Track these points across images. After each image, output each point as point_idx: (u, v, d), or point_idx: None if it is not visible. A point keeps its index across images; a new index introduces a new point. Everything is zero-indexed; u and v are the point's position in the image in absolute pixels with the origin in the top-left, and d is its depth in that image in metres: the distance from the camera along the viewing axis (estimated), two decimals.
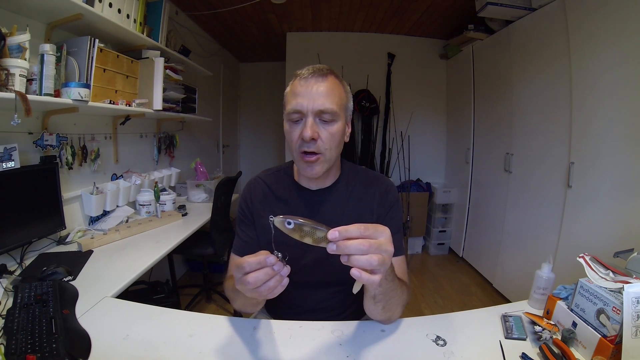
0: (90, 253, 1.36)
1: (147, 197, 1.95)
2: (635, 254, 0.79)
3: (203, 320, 0.85)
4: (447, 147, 3.67)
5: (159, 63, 1.88)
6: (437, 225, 3.42)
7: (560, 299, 0.81)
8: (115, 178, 1.97)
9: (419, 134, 3.63)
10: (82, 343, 0.74)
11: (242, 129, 5.01)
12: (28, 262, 1.28)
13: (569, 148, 1.80)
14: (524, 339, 0.76)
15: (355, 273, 0.51)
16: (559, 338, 0.73)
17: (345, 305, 0.93)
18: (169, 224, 1.86)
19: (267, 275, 0.53)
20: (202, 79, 3.05)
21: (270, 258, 0.53)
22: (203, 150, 3.46)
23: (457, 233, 3.33)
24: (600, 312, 0.69)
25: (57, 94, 1.32)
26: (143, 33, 1.84)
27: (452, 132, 3.56)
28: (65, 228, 1.46)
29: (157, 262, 1.35)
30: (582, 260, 0.79)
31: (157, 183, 1.98)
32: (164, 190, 2.14)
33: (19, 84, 1.12)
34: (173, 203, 2.12)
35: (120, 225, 1.70)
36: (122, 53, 1.71)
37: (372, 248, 0.50)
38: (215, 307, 2.38)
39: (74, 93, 1.31)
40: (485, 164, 2.80)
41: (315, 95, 0.75)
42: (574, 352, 0.71)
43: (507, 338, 0.77)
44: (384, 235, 0.53)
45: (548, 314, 0.83)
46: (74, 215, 1.65)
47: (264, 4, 2.74)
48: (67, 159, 1.55)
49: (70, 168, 1.58)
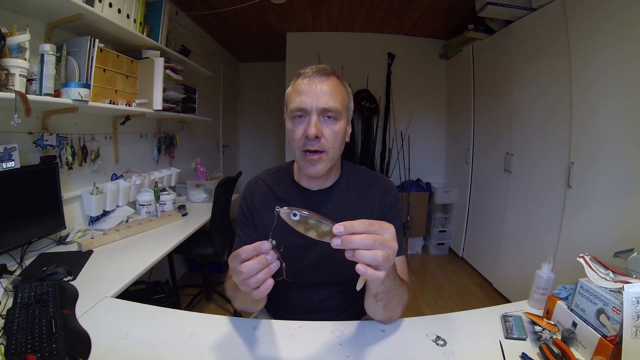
0: (90, 253, 1.36)
1: (147, 197, 1.95)
2: (635, 254, 0.79)
3: (203, 320, 0.85)
4: (447, 147, 3.67)
5: (159, 63, 1.88)
6: (437, 225, 3.42)
7: (560, 299, 0.81)
8: (115, 178, 1.97)
9: (419, 134, 3.62)
10: (82, 343, 0.74)
11: (242, 129, 5.01)
12: (28, 262, 1.28)
13: (569, 148, 1.80)
14: (524, 339, 0.76)
15: (361, 269, 0.51)
16: (559, 338, 0.73)
17: (345, 305, 0.93)
18: (169, 224, 1.86)
19: (259, 264, 0.54)
20: (202, 79, 3.05)
21: (265, 244, 0.53)
22: (203, 150, 3.46)
23: (457, 233, 3.33)
24: (600, 312, 0.69)
25: (57, 94, 1.32)
26: (143, 33, 1.84)
27: (452, 132, 3.56)
28: (65, 228, 1.46)
29: (157, 262, 1.35)
30: (582, 260, 0.79)
31: (157, 183, 1.98)
32: (164, 190, 2.14)
33: (19, 84, 1.12)
34: (173, 203, 2.12)
35: (120, 225, 1.70)
36: (122, 53, 1.71)
37: (376, 243, 0.50)
38: (215, 307, 2.38)
39: (74, 93, 1.31)
40: (485, 164, 2.80)
41: (319, 94, 0.76)
42: (574, 352, 0.71)
43: (507, 338, 0.77)
44: (389, 232, 0.53)
45: (548, 314, 0.83)
46: (74, 215, 1.65)
47: (264, 4, 2.74)
48: (67, 159, 1.55)
49: (70, 168, 1.58)
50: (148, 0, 1.88)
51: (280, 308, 0.96)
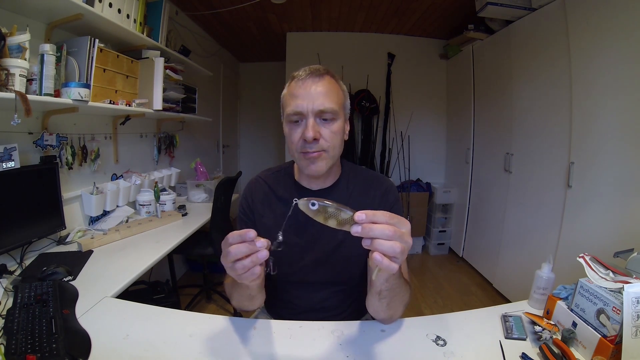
0: (90, 253, 1.36)
1: (147, 197, 1.95)
2: (635, 254, 0.79)
3: (203, 320, 0.85)
4: (447, 147, 3.67)
5: (159, 63, 1.88)
6: (437, 225, 3.42)
7: (560, 299, 0.81)
8: (115, 178, 1.97)
9: (419, 134, 3.62)
10: (82, 343, 0.74)
11: (242, 129, 5.01)
12: (28, 262, 1.28)
13: (569, 148, 1.80)
14: (524, 339, 0.76)
15: (377, 257, 0.51)
16: (559, 338, 0.73)
17: (345, 305, 0.93)
18: (169, 224, 1.86)
19: (247, 249, 0.55)
20: (202, 79, 3.05)
21: (250, 233, 0.54)
22: (203, 150, 3.46)
23: (457, 233, 3.33)
24: (600, 312, 0.69)
25: (57, 94, 1.32)
26: (143, 33, 1.84)
27: (452, 132, 3.56)
28: (65, 228, 1.46)
29: (157, 262, 1.35)
30: (582, 260, 0.79)
31: (157, 183, 1.98)
32: (164, 190, 2.14)
33: (19, 84, 1.12)
34: (173, 203, 2.12)
35: (120, 225, 1.70)
36: (122, 53, 1.71)
37: (396, 235, 0.51)
38: (215, 307, 2.38)
39: (74, 93, 1.31)
40: (485, 164, 2.80)
41: (315, 96, 0.75)
42: (574, 352, 0.71)
43: (507, 338, 0.77)
44: (406, 227, 0.54)
45: (548, 314, 0.83)
46: (74, 215, 1.65)
47: (264, 4, 2.74)
48: (67, 159, 1.55)
49: (70, 168, 1.58)
50: (148, 0, 1.88)
51: (280, 308, 0.96)
